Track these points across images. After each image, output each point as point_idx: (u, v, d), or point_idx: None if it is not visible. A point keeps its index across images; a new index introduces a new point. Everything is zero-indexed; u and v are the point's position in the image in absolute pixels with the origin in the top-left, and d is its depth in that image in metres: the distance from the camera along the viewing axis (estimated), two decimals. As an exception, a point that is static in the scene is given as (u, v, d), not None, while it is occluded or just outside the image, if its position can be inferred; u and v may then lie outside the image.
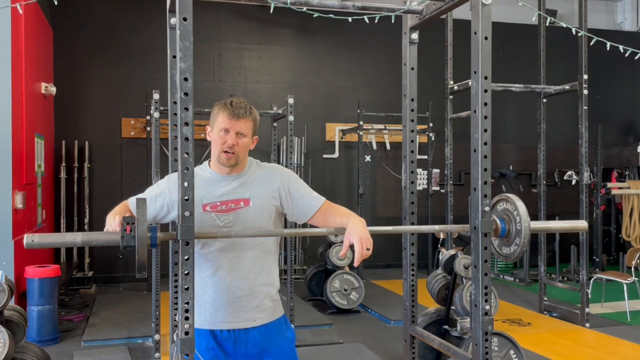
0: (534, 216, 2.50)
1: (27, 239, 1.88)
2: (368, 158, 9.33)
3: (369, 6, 2.52)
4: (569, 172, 9.47)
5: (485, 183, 2.15)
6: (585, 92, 6.02)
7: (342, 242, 6.64)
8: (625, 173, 9.85)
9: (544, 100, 6.67)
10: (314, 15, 4.55)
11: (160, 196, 2.25)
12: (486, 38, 2.13)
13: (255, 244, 2.23)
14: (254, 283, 2.24)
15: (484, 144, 2.14)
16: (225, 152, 2.20)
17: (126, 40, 8.39)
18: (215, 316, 2.23)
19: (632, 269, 7.07)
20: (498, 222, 2.26)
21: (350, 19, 5.19)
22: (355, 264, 2.08)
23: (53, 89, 7.13)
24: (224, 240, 2.19)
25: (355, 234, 2.06)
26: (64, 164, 7.84)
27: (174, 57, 2.23)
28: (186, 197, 1.84)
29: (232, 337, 2.24)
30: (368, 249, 2.06)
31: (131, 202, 2.24)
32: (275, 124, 6.22)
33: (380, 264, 9.02)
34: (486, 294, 2.15)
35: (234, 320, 2.23)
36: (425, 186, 9.32)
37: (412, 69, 2.71)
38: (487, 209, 2.15)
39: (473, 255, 2.19)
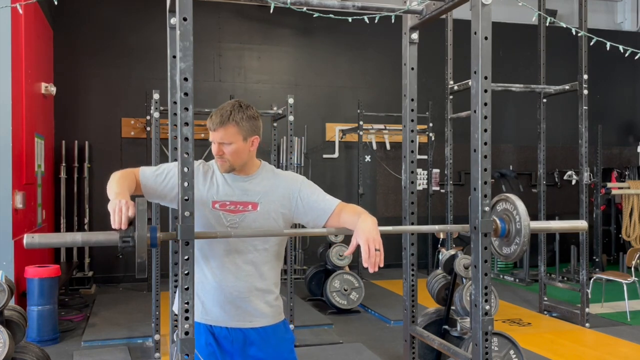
0: (534, 216, 2.50)
1: (27, 238, 1.88)
2: (368, 158, 9.33)
3: (369, 6, 2.52)
4: (569, 172, 9.47)
5: (485, 183, 2.15)
6: (585, 92, 6.03)
7: (342, 242, 6.69)
8: (625, 173, 9.86)
9: (544, 100, 6.67)
10: (314, 15, 4.55)
11: (174, 178, 2.20)
12: (486, 38, 2.13)
13: (258, 248, 2.23)
14: (251, 287, 2.23)
15: (484, 144, 2.14)
16: (218, 159, 2.21)
17: (126, 40, 8.38)
18: (214, 312, 2.23)
19: (632, 269, 7.07)
20: (498, 222, 2.26)
21: (350, 19, 5.19)
22: (370, 269, 1.91)
23: (53, 89, 7.13)
24: (229, 241, 2.19)
25: (362, 234, 1.94)
26: (64, 164, 7.84)
27: (174, 57, 2.23)
28: (186, 197, 1.84)
29: (230, 336, 2.24)
30: (377, 250, 1.91)
31: (142, 173, 2.19)
32: (275, 124, 6.23)
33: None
34: (486, 294, 2.15)
35: (232, 319, 2.24)
36: (425, 186, 9.32)
37: (412, 69, 2.71)
38: (487, 209, 2.15)
39: (473, 255, 2.19)
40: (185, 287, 1.85)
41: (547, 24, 6.75)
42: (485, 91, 2.14)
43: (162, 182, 2.19)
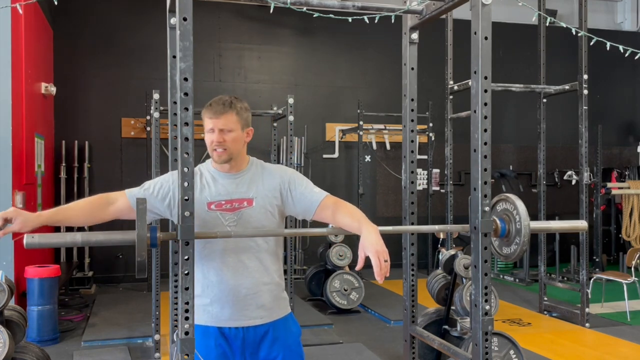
0: (534, 216, 2.50)
1: (27, 238, 1.88)
2: (368, 158, 9.33)
3: (369, 6, 2.52)
4: (569, 172, 9.47)
5: (485, 183, 2.15)
6: (585, 92, 6.03)
7: (342, 242, 6.69)
8: (625, 173, 9.86)
9: (544, 100, 6.67)
10: (314, 15, 4.55)
11: (163, 189, 2.24)
12: (486, 38, 2.13)
13: (257, 243, 2.24)
14: (257, 282, 2.24)
15: (484, 144, 2.15)
16: (215, 149, 2.20)
17: (126, 40, 8.38)
18: (222, 313, 2.23)
19: (632, 269, 7.07)
20: (498, 222, 2.26)
21: (350, 19, 5.19)
22: (380, 280, 1.97)
23: (53, 89, 7.13)
24: (227, 240, 2.19)
25: (370, 247, 1.98)
26: (64, 164, 7.84)
27: (174, 57, 2.23)
28: (186, 197, 1.84)
29: (241, 335, 2.25)
30: (386, 261, 1.96)
31: (129, 195, 2.23)
32: (275, 124, 6.22)
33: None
34: (486, 294, 2.15)
35: (240, 317, 2.24)
36: (425, 186, 9.32)
37: (412, 69, 2.71)
38: (487, 209, 2.15)
39: (473, 255, 2.19)
40: (185, 287, 1.85)
41: (547, 24, 6.75)
42: (485, 91, 2.14)
43: (150, 195, 2.21)
